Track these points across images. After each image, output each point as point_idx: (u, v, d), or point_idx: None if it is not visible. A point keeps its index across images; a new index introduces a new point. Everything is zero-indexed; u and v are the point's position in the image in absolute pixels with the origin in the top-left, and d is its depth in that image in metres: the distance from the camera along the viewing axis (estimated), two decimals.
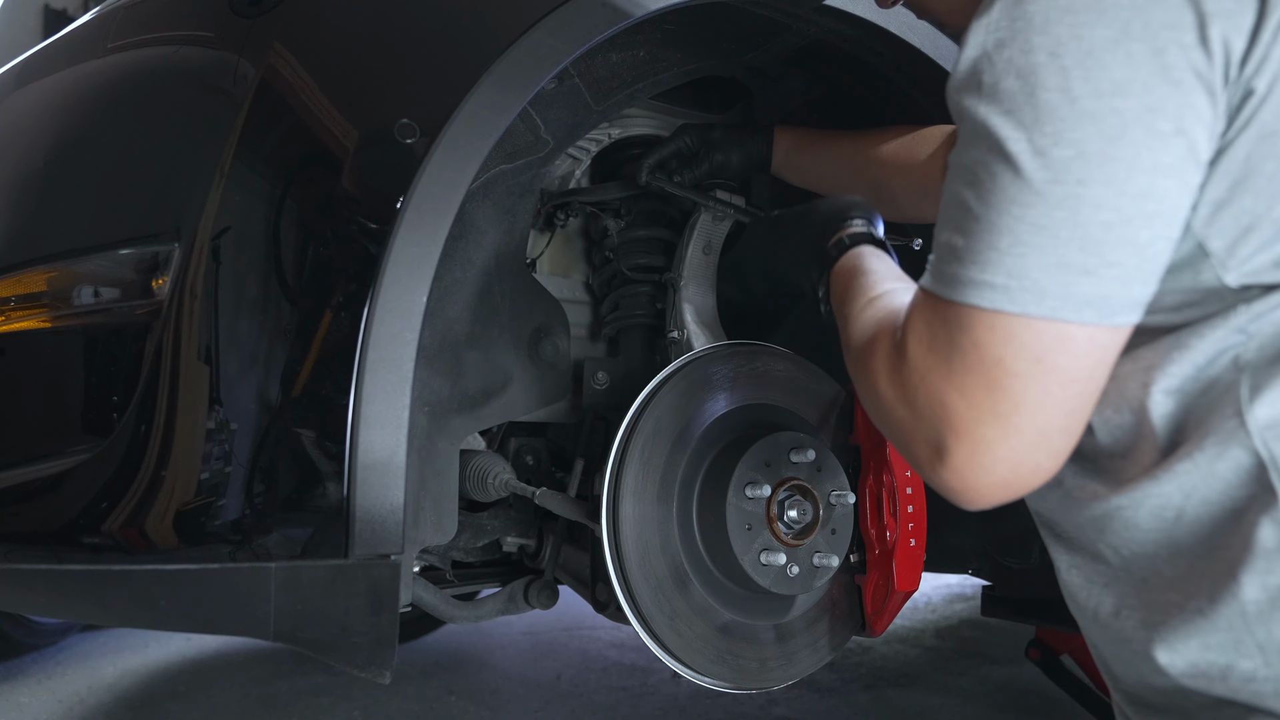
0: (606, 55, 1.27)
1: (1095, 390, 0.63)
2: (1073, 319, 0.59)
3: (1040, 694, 2.27)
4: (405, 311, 0.93)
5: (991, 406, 0.61)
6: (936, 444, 0.65)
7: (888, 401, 0.70)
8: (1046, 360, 0.60)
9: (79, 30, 1.20)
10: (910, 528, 1.24)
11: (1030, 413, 0.61)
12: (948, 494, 0.67)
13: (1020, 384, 0.60)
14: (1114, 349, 0.62)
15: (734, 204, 1.40)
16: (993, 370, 0.61)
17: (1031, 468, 0.64)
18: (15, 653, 2.70)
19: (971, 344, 0.62)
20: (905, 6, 0.94)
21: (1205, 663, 0.64)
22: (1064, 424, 0.62)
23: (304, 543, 0.92)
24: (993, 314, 0.61)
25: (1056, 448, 0.64)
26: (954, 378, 0.63)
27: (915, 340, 0.66)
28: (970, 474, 0.64)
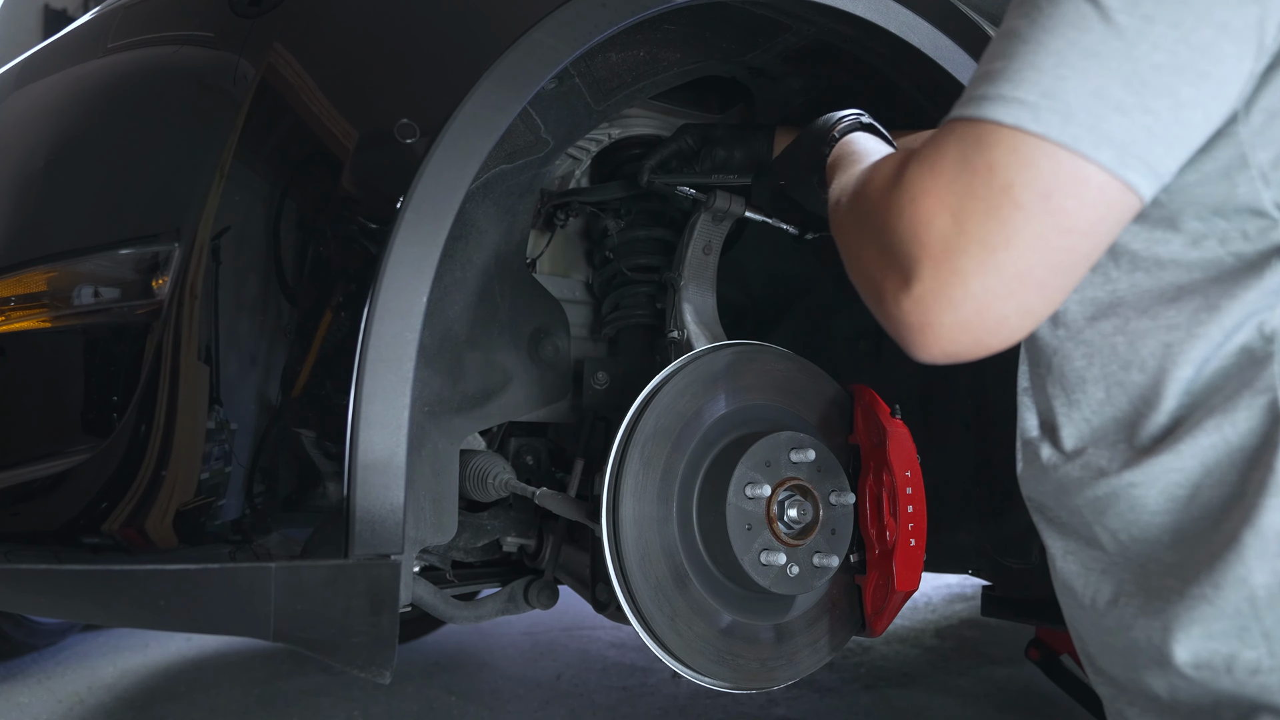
0: (606, 55, 1.27)
1: (1085, 256, 0.61)
2: (1091, 154, 0.57)
3: (1040, 694, 2.27)
4: (405, 311, 0.93)
5: (982, 236, 0.59)
6: (908, 271, 0.62)
7: (869, 229, 0.67)
8: (1054, 198, 0.58)
9: (79, 30, 1.20)
10: (910, 528, 1.24)
11: (1018, 252, 0.59)
12: (903, 332, 0.64)
13: (1020, 217, 0.58)
14: (1118, 216, 0.60)
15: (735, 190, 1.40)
16: (998, 196, 0.59)
17: (998, 317, 0.61)
18: (15, 653, 2.70)
19: (985, 165, 0.59)
20: None
21: (1208, 652, 0.63)
22: (1043, 278, 0.60)
23: (304, 543, 0.92)
24: (1015, 134, 0.59)
25: (1028, 304, 0.61)
26: (953, 199, 0.60)
27: (921, 163, 0.63)
28: (935, 306, 0.61)
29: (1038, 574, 1.47)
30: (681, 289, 1.38)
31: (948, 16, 1.27)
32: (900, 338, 0.65)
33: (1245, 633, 0.62)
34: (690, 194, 1.39)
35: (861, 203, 0.71)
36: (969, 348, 0.63)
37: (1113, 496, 0.69)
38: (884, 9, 1.21)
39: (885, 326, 0.67)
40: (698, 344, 1.32)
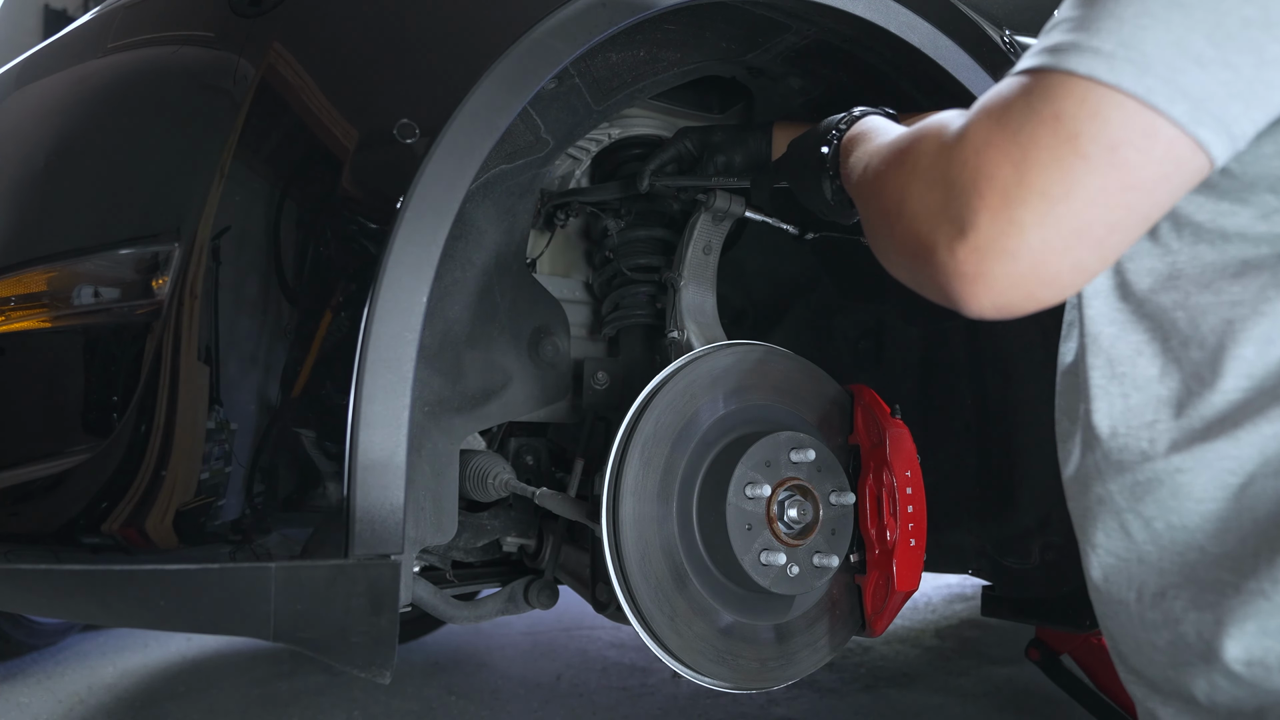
0: (606, 55, 1.27)
1: (1145, 217, 0.60)
2: (1164, 107, 0.56)
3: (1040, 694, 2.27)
4: (405, 311, 0.93)
5: (1044, 187, 0.58)
6: (964, 221, 0.60)
7: (919, 184, 0.65)
8: (1120, 151, 0.57)
9: (79, 30, 1.20)
10: (910, 528, 1.24)
11: (1078, 205, 0.57)
12: (954, 283, 0.62)
13: (1084, 168, 0.57)
14: (1184, 177, 0.59)
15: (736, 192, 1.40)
16: (1063, 146, 0.57)
17: (1052, 272, 0.60)
18: (15, 653, 2.70)
19: (1053, 114, 0.58)
20: None
21: (1262, 649, 0.62)
22: (1101, 235, 0.59)
23: (304, 543, 0.92)
24: (1086, 83, 0.57)
25: (1083, 261, 0.60)
26: (1017, 150, 0.59)
27: (987, 115, 0.62)
28: (990, 256, 0.60)
29: (1038, 574, 1.47)
30: (681, 289, 1.38)
31: (948, 16, 1.27)
32: (949, 290, 0.63)
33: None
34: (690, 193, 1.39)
35: (909, 159, 0.69)
36: (1019, 301, 0.62)
37: (1154, 482, 0.68)
38: (884, 9, 1.21)
39: (928, 282, 0.65)
40: (698, 344, 1.32)
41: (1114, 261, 0.63)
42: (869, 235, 0.81)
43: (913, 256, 0.66)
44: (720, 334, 1.38)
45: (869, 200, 0.78)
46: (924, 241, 0.64)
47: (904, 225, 0.67)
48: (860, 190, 0.82)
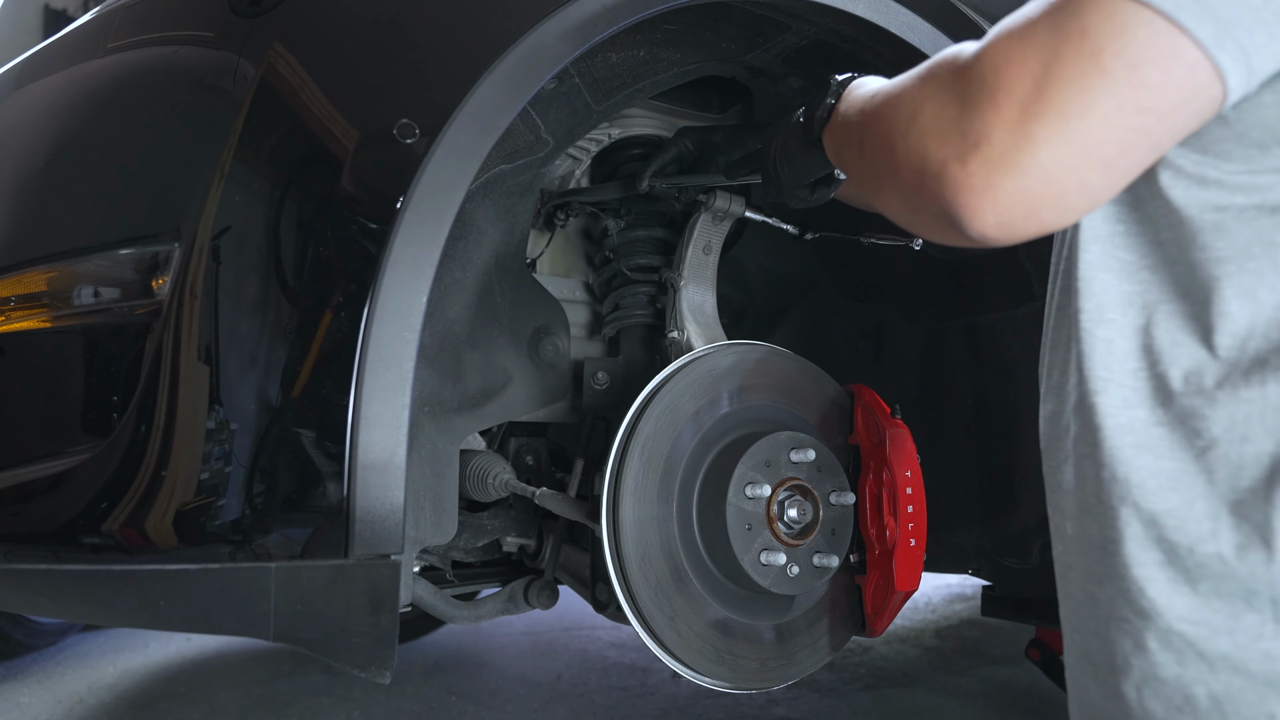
0: (606, 55, 1.27)
1: (1156, 144, 0.60)
2: (1191, 26, 0.56)
3: (1040, 694, 2.27)
4: (405, 311, 0.93)
5: (1062, 103, 0.58)
6: (978, 134, 0.61)
7: (933, 103, 0.65)
8: (1141, 70, 0.57)
9: (79, 30, 1.20)
10: (910, 528, 1.24)
11: (1093, 123, 0.57)
12: (961, 196, 0.62)
13: (1104, 85, 0.57)
14: (1200, 105, 0.59)
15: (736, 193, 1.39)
16: (1086, 62, 0.57)
17: (1059, 190, 0.60)
18: (15, 653, 2.70)
19: (1079, 30, 0.58)
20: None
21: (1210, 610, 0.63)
22: (1111, 156, 0.59)
23: (304, 543, 0.92)
24: (1114, 0, 0.57)
25: (1090, 183, 0.60)
26: (1038, 65, 0.59)
27: (1009, 34, 0.62)
28: (1001, 168, 0.60)
29: (1038, 574, 1.47)
30: (681, 289, 1.38)
31: (948, 16, 1.27)
32: (955, 204, 0.63)
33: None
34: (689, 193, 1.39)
35: (923, 81, 0.69)
36: (1022, 219, 0.62)
37: (1124, 429, 0.69)
38: (884, 9, 1.21)
39: (931, 202, 0.65)
40: (698, 344, 1.32)
41: (1119, 189, 0.63)
42: (861, 167, 0.80)
43: (918, 173, 0.66)
44: (720, 334, 1.38)
45: (873, 123, 0.77)
46: (934, 155, 0.64)
47: (913, 141, 0.67)
48: (864, 117, 0.81)
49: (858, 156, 0.83)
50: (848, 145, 0.89)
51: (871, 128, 0.78)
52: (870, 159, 0.77)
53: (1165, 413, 0.68)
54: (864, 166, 0.80)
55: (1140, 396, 0.69)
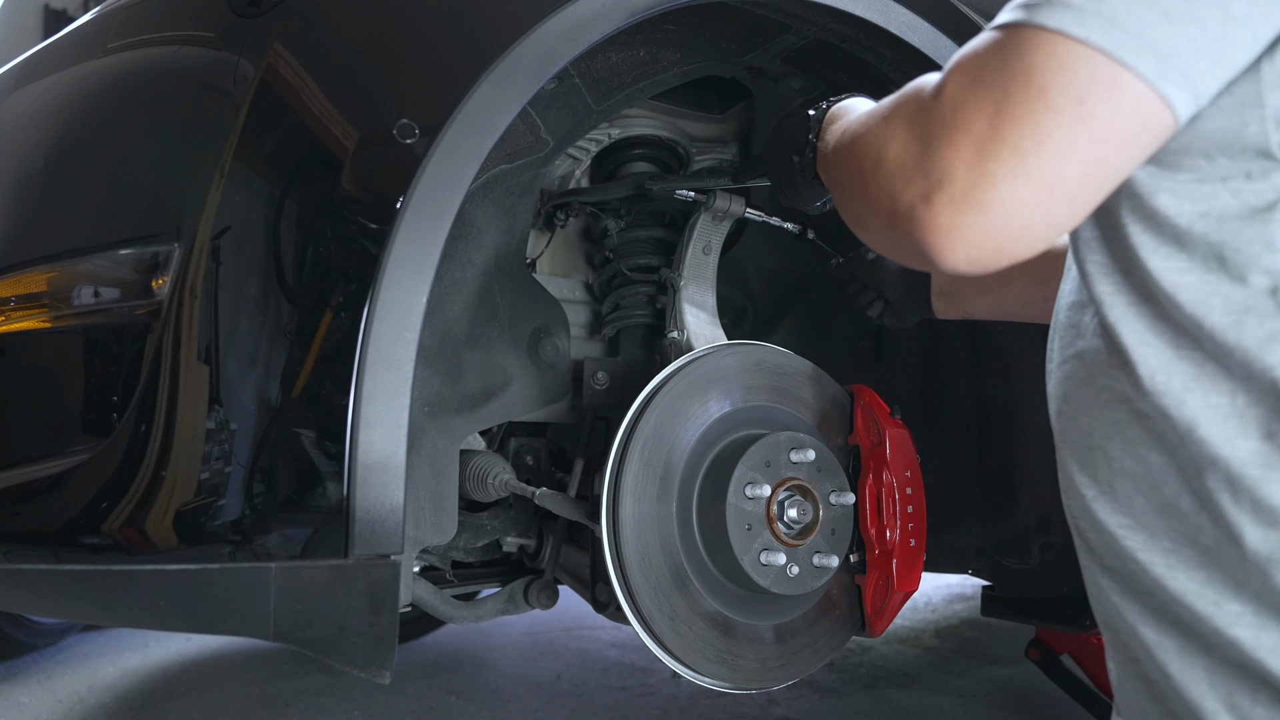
0: (606, 55, 1.27)
1: (1116, 172, 0.61)
2: (1131, 62, 0.57)
3: (1040, 694, 2.27)
4: (405, 311, 0.93)
5: (1015, 140, 0.59)
6: (939, 174, 0.62)
7: (897, 142, 0.67)
8: (1088, 104, 0.58)
9: (79, 30, 1.20)
10: (910, 528, 1.24)
11: (1048, 158, 0.59)
12: (929, 236, 0.64)
13: (1053, 121, 0.58)
14: (1153, 133, 0.60)
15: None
16: (1033, 100, 0.59)
17: (1023, 225, 0.61)
18: (15, 653, 2.69)
19: (1023, 69, 0.60)
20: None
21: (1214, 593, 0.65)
22: (1072, 188, 0.60)
23: (304, 543, 0.92)
24: (1055, 37, 0.59)
25: (1054, 215, 0.61)
26: (990, 105, 0.60)
27: (962, 74, 0.64)
28: (964, 208, 0.61)
29: (1038, 574, 1.47)
30: (681, 289, 1.38)
31: (948, 16, 1.27)
32: (924, 244, 0.64)
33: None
34: (690, 196, 1.39)
35: (888, 118, 0.71)
36: (991, 254, 0.63)
37: (1127, 421, 0.70)
38: (884, 9, 1.21)
39: (904, 240, 0.67)
40: (698, 344, 1.32)
41: (1084, 217, 0.64)
42: (843, 203, 0.82)
43: (889, 214, 0.68)
44: (720, 334, 1.38)
45: (846, 162, 0.79)
46: (901, 196, 0.66)
47: (880, 181, 0.68)
48: (838, 155, 0.83)
49: (839, 193, 0.86)
50: (830, 182, 0.92)
51: (843, 168, 0.80)
52: (848, 195, 0.79)
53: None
54: (844, 203, 0.82)
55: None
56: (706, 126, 1.58)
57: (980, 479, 1.57)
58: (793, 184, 1.08)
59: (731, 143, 1.62)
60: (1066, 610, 1.42)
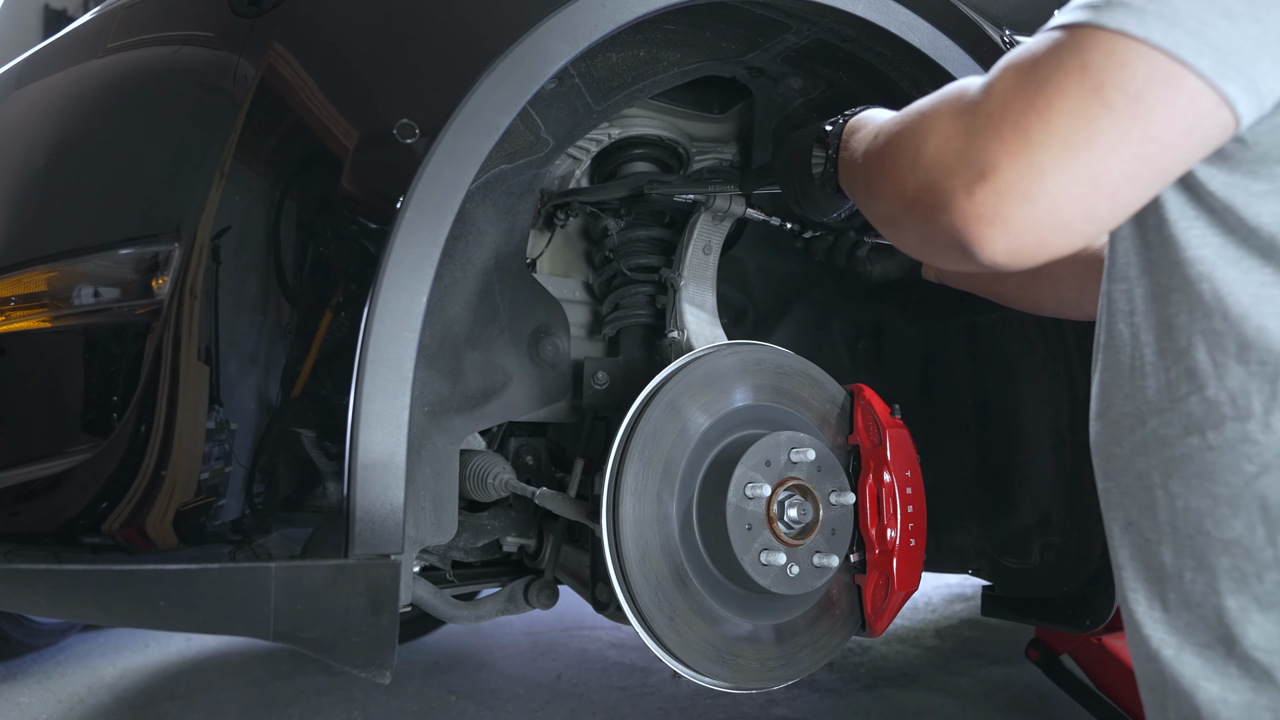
0: (606, 55, 1.27)
1: (1163, 171, 0.62)
2: (1190, 60, 0.57)
3: (1040, 694, 2.27)
4: (405, 311, 0.93)
5: (1066, 134, 0.60)
6: (984, 165, 0.62)
7: (939, 136, 0.67)
8: (1144, 101, 0.58)
9: (79, 30, 1.20)
10: (910, 528, 1.24)
11: (1098, 153, 0.59)
12: (971, 225, 0.64)
13: (1107, 118, 0.59)
14: (1207, 131, 0.60)
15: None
16: (1088, 96, 0.59)
17: (1066, 218, 0.61)
18: (15, 653, 2.70)
19: (1079, 66, 0.60)
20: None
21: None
22: (1117, 185, 0.61)
23: (304, 543, 0.92)
24: (1115, 36, 0.59)
25: (1097, 211, 0.62)
26: (1041, 99, 0.61)
27: (1015, 71, 0.64)
28: (1010, 198, 0.62)
29: (1038, 574, 1.47)
30: (681, 289, 1.38)
31: (948, 16, 1.27)
32: (965, 234, 0.65)
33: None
34: (690, 197, 1.39)
35: (929, 115, 0.71)
36: (1032, 246, 0.63)
37: (1186, 458, 0.69)
38: (884, 9, 1.21)
39: (942, 232, 0.67)
40: (698, 344, 1.32)
41: (1127, 215, 0.64)
42: (872, 205, 0.82)
43: (928, 206, 0.68)
44: (720, 334, 1.38)
45: (879, 162, 0.79)
46: (941, 187, 0.66)
47: (920, 175, 0.69)
48: (869, 157, 0.83)
49: (867, 197, 0.85)
50: (856, 188, 0.92)
51: (877, 167, 0.80)
52: (880, 197, 0.79)
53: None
54: (875, 205, 0.82)
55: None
56: (706, 126, 1.58)
57: (980, 479, 1.57)
58: (809, 196, 1.08)
59: (731, 143, 1.62)
60: (1066, 610, 1.42)
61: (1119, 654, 1.69)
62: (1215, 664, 0.67)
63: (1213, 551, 0.67)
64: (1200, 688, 0.67)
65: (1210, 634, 0.67)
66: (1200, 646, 0.68)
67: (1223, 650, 0.67)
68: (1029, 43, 0.65)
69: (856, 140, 0.92)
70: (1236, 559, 0.66)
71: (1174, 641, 0.70)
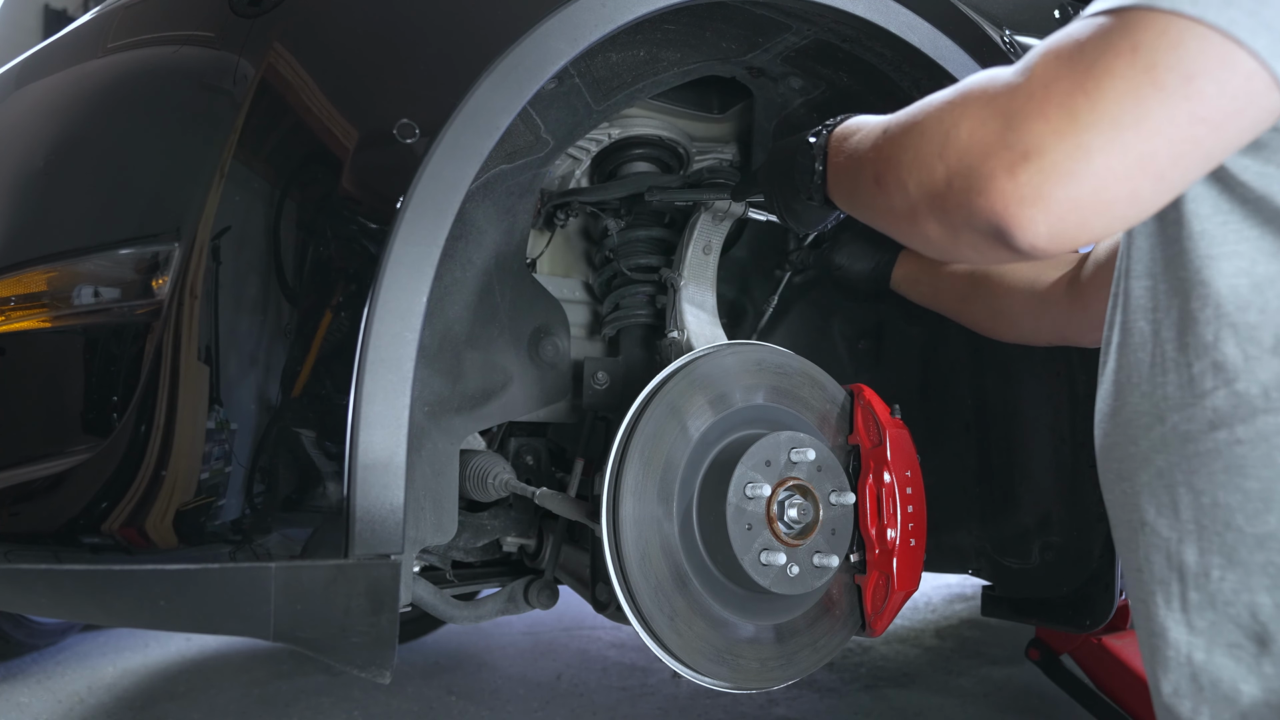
0: (606, 55, 1.27)
1: (1208, 154, 0.61)
2: (1246, 39, 0.57)
3: (1040, 694, 2.27)
4: (405, 311, 0.93)
5: (1116, 114, 0.59)
6: (1028, 146, 0.62)
7: (971, 122, 0.66)
8: (1196, 81, 0.58)
9: (79, 30, 1.20)
10: (910, 528, 1.24)
11: (1146, 133, 0.59)
12: (1011, 208, 0.63)
13: (1158, 99, 0.58)
14: (1256, 113, 0.60)
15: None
16: (1139, 76, 0.59)
17: (1110, 199, 0.61)
18: (15, 653, 2.70)
19: (1130, 47, 0.59)
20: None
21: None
22: (1163, 167, 0.60)
23: (304, 543, 0.92)
24: (1168, 17, 0.58)
25: (1141, 194, 0.61)
26: (1089, 81, 0.60)
27: (1051, 55, 0.63)
28: (1055, 178, 0.61)
29: (1038, 574, 1.47)
30: (681, 289, 1.38)
31: (948, 17, 1.27)
32: (1003, 216, 0.64)
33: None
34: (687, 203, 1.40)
35: (955, 104, 0.70)
36: (1074, 228, 0.62)
37: (1212, 454, 0.69)
38: (884, 9, 1.21)
39: (977, 217, 0.66)
40: (698, 344, 1.32)
41: (1166, 201, 0.63)
42: (884, 198, 0.80)
43: (962, 190, 0.67)
44: (720, 334, 1.38)
45: (895, 153, 0.77)
46: (978, 170, 0.65)
47: (952, 160, 0.68)
48: (879, 152, 0.82)
49: (876, 193, 0.83)
50: (860, 188, 0.89)
51: (893, 159, 0.78)
52: (896, 189, 0.77)
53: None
54: (887, 199, 0.80)
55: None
56: (706, 126, 1.58)
57: (980, 479, 1.57)
58: (792, 210, 1.08)
59: (731, 143, 1.62)
60: (1066, 610, 1.42)
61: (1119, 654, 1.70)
62: (1248, 663, 0.66)
63: (1245, 547, 0.66)
64: (1240, 691, 0.66)
65: (1240, 632, 0.66)
66: (1229, 646, 0.67)
67: (1255, 648, 0.66)
68: (1068, 29, 0.64)
69: (854, 143, 0.90)
70: (1271, 554, 0.65)
71: (1201, 643, 0.69)
